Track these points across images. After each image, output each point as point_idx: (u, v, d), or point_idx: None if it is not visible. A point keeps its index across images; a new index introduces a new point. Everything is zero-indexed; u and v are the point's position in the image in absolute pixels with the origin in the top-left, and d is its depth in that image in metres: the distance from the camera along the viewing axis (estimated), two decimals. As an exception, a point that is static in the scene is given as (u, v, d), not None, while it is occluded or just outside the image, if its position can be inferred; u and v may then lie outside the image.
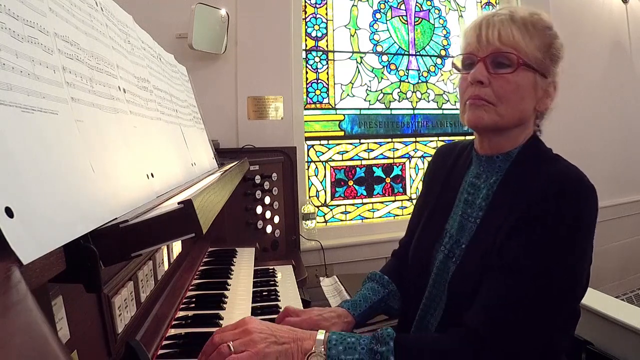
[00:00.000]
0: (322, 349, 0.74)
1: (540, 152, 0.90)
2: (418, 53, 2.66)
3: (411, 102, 2.66)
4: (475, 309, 0.79)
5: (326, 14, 2.44)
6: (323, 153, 2.48)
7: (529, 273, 0.76)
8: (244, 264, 1.42)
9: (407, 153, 2.66)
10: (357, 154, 2.55)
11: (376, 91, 2.58)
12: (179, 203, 0.50)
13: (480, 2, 2.81)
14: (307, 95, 2.41)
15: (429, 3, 2.67)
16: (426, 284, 0.96)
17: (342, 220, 2.53)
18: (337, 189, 2.51)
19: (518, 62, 0.83)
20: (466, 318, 0.78)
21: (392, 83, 2.61)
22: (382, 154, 2.60)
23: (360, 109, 2.54)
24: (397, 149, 2.63)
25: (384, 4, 2.57)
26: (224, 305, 1.06)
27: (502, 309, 0.76)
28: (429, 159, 2.68)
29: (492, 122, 0.86)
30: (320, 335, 0.76)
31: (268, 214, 1.93)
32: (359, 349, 0.74)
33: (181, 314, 1.00)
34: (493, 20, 0.85)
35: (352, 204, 2.55)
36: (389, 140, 2.61)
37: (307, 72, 2.41)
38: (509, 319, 0.75)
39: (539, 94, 0.88)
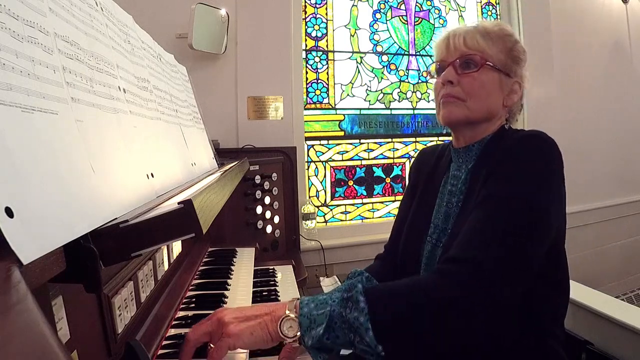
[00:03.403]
0: (294, 311, 0.74)
1: (508, 131, 0.98)
2: (418, 53, 2.66)
3: (411, 102, 2.66)
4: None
5: (326, 14, 2.44)
6: (323, 153, 2.48)
7: (497, 202, 0.81)
8: (244, 264, 1.42)
9: (407, 153, 2.65)
10: (357, 154, 2.55)
11: (376, 91, 2.58)
12: (179, 203, 0.50)
13: (480, 2, 2.81)
14: (307, 95, 2.41)
15: (429, 3, 2.67)
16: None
17: (342, 220, 2.53)
18: (337, 189, 2.51)
19: (482, 62, 0.94)
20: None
21: (392, 83, 2.61)
22: (382, 154, 2.60)
23: (360, 109, 2.54)
24: (397, 149, 2.63)
25: (384, 4, 2.57)
26: (224, 305, 1.06)
27: (472, 235, 0.79)
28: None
29: (463, 115, 0.95)
30: (292, 302, 0.76)
31: (268, 214, 1.93)
32: (330, 302, 0.74)
33: (181, 314, 1.00)
34: (459, 30, 0.98)
35: (352, 204, 2.54)
36: (389, 140, 2.61)
37: (307, 72, 2.41)
38: (477, 240, 0.77)
39: (505, 91, 0.97)
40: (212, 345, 0.72)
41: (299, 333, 0.72)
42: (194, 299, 1.08)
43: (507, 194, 0.81)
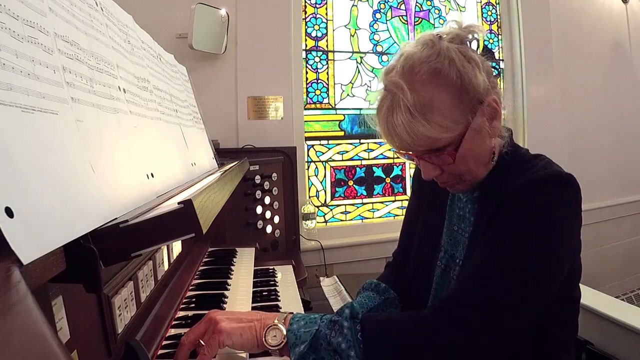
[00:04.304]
0: (283, 322, 0.76)
1: (514, 158, 0.88)
2: (418, 53, 2.65)
3: (411, 102, 2.65)
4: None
5: (326, 14, 2.44)
6: (323, 153, 2.48)
7: (499, 257, 0.77)
8: (244, 264, 1.42)
9: (407, 153, 2.65)
10: (357, 154, 2.55)
11: (376, 91, 2.57)
12: (179, 203, 0.50)
13: (480, 2, 2.80)
14: (307, 95, 2.41)
15: (429, 3, 2.67)
16: (427, 299, 0.97)
17: (342, 220, 2.53)
18: (337, 189, 2.51)
19: (450, 150, 0.80)
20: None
21: (392, 83, 2.61)
22: (382, 154, 2.60)
23: (360, 109, 2.54)
24: (397, 149, 2.63)
25: (384, 4, 2.57)
26: (224, 305, 1.06)
27: (472, 283, 0.77)
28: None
29: (467, 186, 0.88)
30: (283, 314, 0.78)
31: (268, 214, 1.93)
32: (319, 322, 0.76)
33: (181, 314, 1.00)
34: (397, 131, 0.79)
35: (352, 204, 2.54)
36: (389, 140, 2.61)
37: (307, 72, 2.40)
38: (475, 291, 0.76)
39: (486, 129, 0.81)
40: (202, 343, 0.73)
41: (282, 344, 0.74)
42: (194, 299, 1.08)
43: (512, 257, 0.76)
